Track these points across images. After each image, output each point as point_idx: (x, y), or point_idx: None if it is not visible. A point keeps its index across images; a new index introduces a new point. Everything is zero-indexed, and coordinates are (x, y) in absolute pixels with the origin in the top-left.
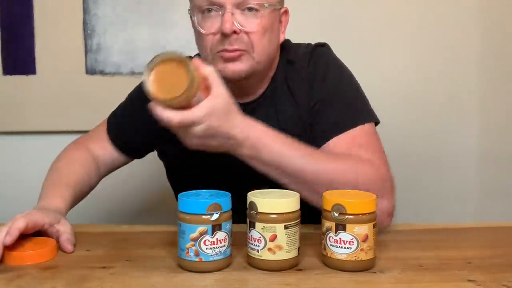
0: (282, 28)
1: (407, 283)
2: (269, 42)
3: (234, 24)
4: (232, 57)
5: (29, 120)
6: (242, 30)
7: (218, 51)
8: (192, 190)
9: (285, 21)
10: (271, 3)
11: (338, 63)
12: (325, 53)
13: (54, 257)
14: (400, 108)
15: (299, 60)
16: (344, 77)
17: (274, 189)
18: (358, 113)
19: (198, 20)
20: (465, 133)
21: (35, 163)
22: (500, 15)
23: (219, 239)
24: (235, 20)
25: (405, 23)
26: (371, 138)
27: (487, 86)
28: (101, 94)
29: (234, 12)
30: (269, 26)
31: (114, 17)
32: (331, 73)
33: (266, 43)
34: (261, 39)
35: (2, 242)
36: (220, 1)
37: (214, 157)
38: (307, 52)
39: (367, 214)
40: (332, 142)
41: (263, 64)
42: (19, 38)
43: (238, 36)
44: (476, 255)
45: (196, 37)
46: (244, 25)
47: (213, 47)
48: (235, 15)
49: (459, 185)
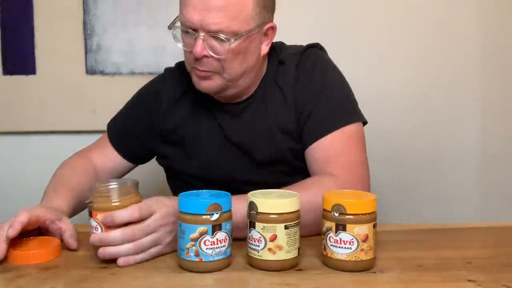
0: (267, 41)
1: (407, 283)
2: (242, 63)
3: (205, 48)
4: (202, 76)
5: (29, 120)
6: (212, 56)
7: (192, 67)
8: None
9: (272, 34)
10: (245, 32)
11: (326, 64)
12: (314, 54)
13: (58, 256)
14: (401, 109)
15: (288, 60)
16: (329, 78)
17: (274, 189)
18: (341, 115)
19: (180, 33)
20: (465, 133)
21: (35, 163)
22: (501, 15)
23: (219, 239)
24: (206, 45)
25: (406, 23)
26: (350, 142)
27: (488, 87)
28: (101, 94)
29: (206, 38)
30: (242, 50)
31: (114, 17)
32: (316, 74)
33: (238, 65)
34: (231, 63)
35: (6, 236)
36: (195, 26)
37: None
38: (297, 52)
39: (367, 214)
40: (313, 148)
41: (237, 80)
42: (19, 38)
43: (208, 59)
44: (476, 255)
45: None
46: (215, 51)
47: (190, 61)
48: (206, 41)
49: (460, 185)
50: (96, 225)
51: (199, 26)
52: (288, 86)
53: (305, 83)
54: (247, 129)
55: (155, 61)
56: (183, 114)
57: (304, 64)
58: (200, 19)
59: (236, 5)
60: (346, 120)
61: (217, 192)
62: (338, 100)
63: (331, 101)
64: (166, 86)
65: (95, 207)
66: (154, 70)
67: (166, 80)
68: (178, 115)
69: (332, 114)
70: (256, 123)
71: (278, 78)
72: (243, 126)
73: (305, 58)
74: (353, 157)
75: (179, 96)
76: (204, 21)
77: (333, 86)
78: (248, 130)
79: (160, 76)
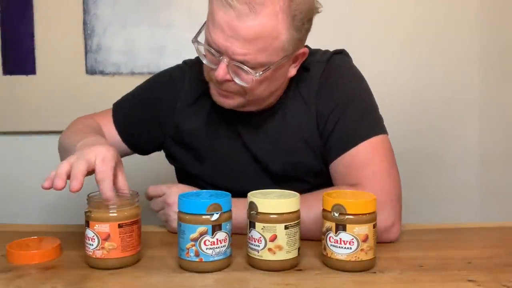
0: (295, 64)
1: (407, 283)
2: (267, 89)
3: (228, 73)
4: (223, 94)
5: (29, 120)
6: (235, 82)
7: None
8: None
9: (302, 58)
10: (273, 64)
11: (353, 73)
12: (340, 62)
13: (58, 256)
14: (401, 109)
15: (313, 68)
16: (355, 88)
17: (274, 189)
18: (367, 126)
19: (204, 47)
20: (465, 133)
21: (35, 163)
22: (501, 16)
23: (219, 239)
24: (230, 70)
25: (406, 23)
26: (373, 154)
27: (488, 87)
28: (101, 94)
29: (230, 63)
30: (268, 77)
31: (114, 17)
32: (341, 84)
33: (261, 91)
34: (254, 91)
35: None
36: (220, 50)
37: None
38: (323, 60)
39: (367, 214)
40: (338, 161)
41: (261, 101)
42: (19, 38)
43: (231, 83)
44: (476, 255)
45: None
46: (238, 78)
47: (209, 76)
48: (229, 66)
49: (460, 185)
50: (93, 236)
51: (224, 51)
52: (311, 96)
53: (329, 94)
54: (268, 140)
55: (155, 61)
56: (200, 118)
57: (329, 73)
58: (226, 46)
59: (268, 38)
60: (372, 132)
61: (217, 192)
62: (363, 112)
63: (357, 112)
64: (185, 82)
65: (92, 217)
66: (154, 70)
67: (185, 76)
68: (195, 118)
69: (358, 125)
70: (277, 135)
71: (302, 86)
72: (264, 137)
73: (330, 67)
74: (378, 168)
75: (197, 97)
76: (230, 49)
77: (358, 97)
78: (269, 142)
79: (179, 69)
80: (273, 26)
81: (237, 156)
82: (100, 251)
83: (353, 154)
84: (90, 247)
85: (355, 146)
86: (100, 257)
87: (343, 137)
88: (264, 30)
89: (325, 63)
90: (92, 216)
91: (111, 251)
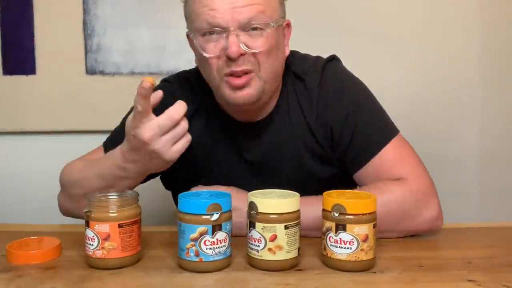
0: (286, 41)
1: (407, 283)
2: (275, 59)
3: (240, 46)
4: (240, 85)
5: (29, 120)
6: (248, 52)
7: (225, 74)
8: None
9: (288, 34)
10: (276, 20)
11: (351, 79)
12: (335, 70)
13: (58, 256)
14: (401, 109)
15: (308, 78)
16: (359, 96)
17: (274, 189)
18: (383, 131)
19: (199, 43)
20: (465, 133)
21: (35, 163)
22: (502, 16)
23: (219, 239)
24: (240, 41)
25: (406, 23)
26: (400, 152)
27: (488, 87)
28: (101, 94)
29: (238, 33)
30: (275, 44)
31: (114, 17)
32: (345, 95)
33: (272, 61)
34: (267, 58)
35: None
36: (224, 24)
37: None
38: (317, 70)
39: (367, 214)
40: (365, 169)
41: (270, 83)
42: (19, 38)
43: (245, 57)
44: (476, 255)
45: (198, 59)
46: (250, 46)
47: (219, 70)
48: (239, 37)
49: (460, 185)
50: (93, 236)
51: (229, 19)
52: (310, 108)
53: (334, 105)
54: (268, 150)
55: (155, 61)
56: (196, 134)
57: (327, 84)
58: (230, 11)
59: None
60: (390, 134)
61: (217, 192)
62: (375, 117)
63: (369, 119)
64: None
65: (92, 217)
66: (154, 70)
67: (175, 92)
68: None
69: (375, 132)
70: (277, 144)
71: (299, 96)
72: (263, 147)
73: (325, 76)
74: (409, 163)
75: (192, 115)
76: (236, 12)
77: (365, 103)
78: (269, 152)
79: (163, 88)
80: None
81: (235, 167)
82: (100, 251)
83: (378, 160)
84: (90, 247)
85: (379, 152)
86: (100, 257)
87: (364, 147)
88: None
89: (320, 73)
90: (92, 216)
91: (111, 251)
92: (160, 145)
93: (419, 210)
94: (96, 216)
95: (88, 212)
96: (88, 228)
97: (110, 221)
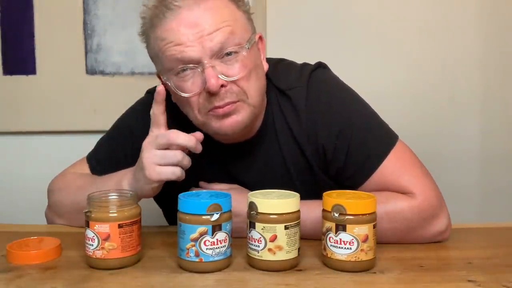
0: (262, 56)
1: (407, 283)
2: (257, 79)
3: (219, 77)
4: (226, 112)
5: (29, 120)
6: (229, 80)
7: (209, 110)
8: None
9: (263, 47)
10: (249, 40)
11: (339, 89)
12: (322, 80)
13: (58, 256)
14: (401, 109)
15: (294, 94)
16: (352, 105)
17: (274, 190)
18: (380, 142)
19: (174, 83)
20: (465, 133)
21: (35, 163)
22: (501, 16)
23: (219, 240)
24: (218, 72)
25: (406, 23)
26: (403, 162)
27: (488, 87)
28: (101, 94)
29: (214, 64)
30: (253, 64)
31: (114, 17)
32: (335, 105)
33: (255, 83)
34: (250, 82)
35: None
36: (196, 56)
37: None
38: (301, 84)
39: (367, 215)
40: (368, 184)
41: (259, 105)
42: (19, 38)
43: (226, 88)
44: (476, 255)
45: (176, 99)
46: (229, 74)
47: (202, 107)
48: (216, 67)
49: (460, 185)
50: (93, 236)
51: (200, 50)
52: (299, 126)
53: (325, 121)
54: (259, 169)
55: None
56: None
57: (315, 99)
58: (198, 41)
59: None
60: (389, 144)
61: (217, 192)
62: (370, 128)
63: (364, 132)
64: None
65: (92, 217)
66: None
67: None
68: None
69: (373, 144)
70: (269, 163)
71: (285, 112)
72: (254, 167)
73: (313, 92)
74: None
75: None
76: (205, 41)
77: (357, 114)
78: (256, 172)
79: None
80: (225, 3)
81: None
82: (100, 251)
83: (380, 175)
84: (90, 247)
85: (379, 167)
86: (100, 257)
87: (363, 163)
88: (221, 3)
89: (306, 88)
90: (92, 216)
91: (111, 251)
92: (147, 155)
93: (426, 228)
94: (96, 216)
95: (88, 212)
96: (88, 228)
97: (110, 221)
